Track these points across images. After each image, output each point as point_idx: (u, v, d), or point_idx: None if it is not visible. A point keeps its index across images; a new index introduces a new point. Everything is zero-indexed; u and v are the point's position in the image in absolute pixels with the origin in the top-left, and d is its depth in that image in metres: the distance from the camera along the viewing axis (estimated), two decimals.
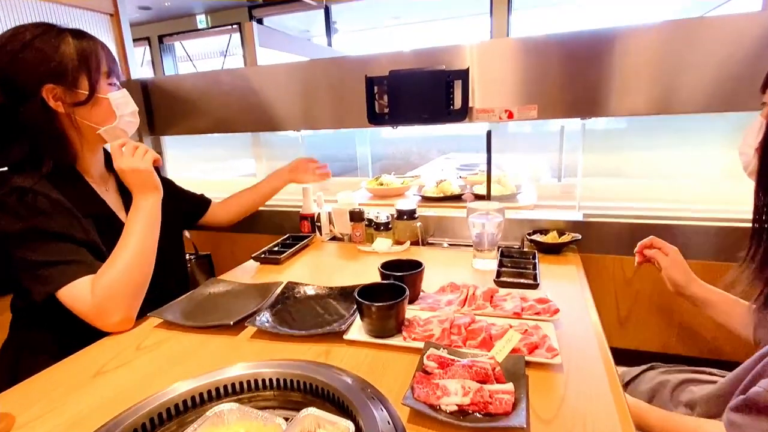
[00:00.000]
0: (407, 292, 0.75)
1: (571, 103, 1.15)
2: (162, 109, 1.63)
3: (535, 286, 0.91)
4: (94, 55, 0.89)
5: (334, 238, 1.37)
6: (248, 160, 1.93)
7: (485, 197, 1.32)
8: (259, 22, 5.17)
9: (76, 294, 0.80)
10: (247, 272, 1.13)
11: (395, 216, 1.25)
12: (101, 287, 0.81)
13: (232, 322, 0.79)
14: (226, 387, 0.62)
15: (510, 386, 0.57)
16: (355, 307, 0.81)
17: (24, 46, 0.84)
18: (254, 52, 2.73)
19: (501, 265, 1.03)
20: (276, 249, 1.24)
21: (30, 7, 1.37)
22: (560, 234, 1.16)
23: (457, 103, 1.21)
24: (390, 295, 0.75)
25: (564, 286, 0.94)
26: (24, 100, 0.85)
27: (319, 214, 1.37)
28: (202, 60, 6.48)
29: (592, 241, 1.18)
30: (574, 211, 1.27)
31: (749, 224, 0.68)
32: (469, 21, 5.86)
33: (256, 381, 0.63)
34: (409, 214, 1.24)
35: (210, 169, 2.24)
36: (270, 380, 0.63)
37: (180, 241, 1.20)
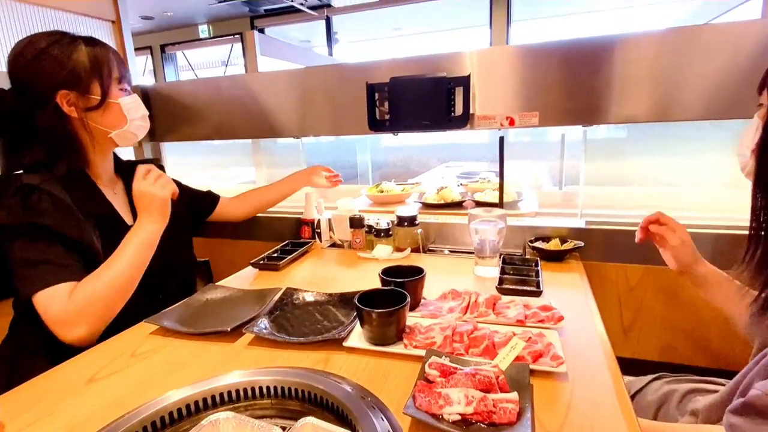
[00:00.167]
0: (408, 299, 0.74)
1: (572, 110, 1.14)
2: (162, 116, 1.62)
3: (538, 294, 0.90)
4: (106, 61, 0.91)
5: (333, 245, 1.36)
6: (248, 167, 1.92)
7: (487, 204, 1.32)
8: (261, 32, 5.22)
9: (53, 297, 0.80)
10: (246, 279, 1.11)
11: (396, 222, 1.24)
12: (82, 295, 0.80)
13: (229, 329, 0.78)
14: (222, 395, 0.61)
15: (514, 395, 0.56)
16: (354, 313, 0.80)
17: (39, 54, 0.86)
18: (255, 61, 2.75)
19: (503, 272, 1.02)
20: (275, 255, 1.23)
21: (33, 14, 1.38)
22: (562, 241, 1.15)
23: (458, 109, 1.21)
24: (390, 301, 0.73)
25: (567, 294, 0.93)
26: (39, 106, 0.88)
27: (318, 220, 1.36)
28: (203, 69, 6.54)
29: (595, 248, 1.17)
30: (576, 219, 1.26)
31: None
32: (469, 32, 5.92)
33: (253, 389, 0.62)
34: (409, 221, 1.23)
35: (210, 177, 2.24)
36: (267, 388, 0.62)
37: (189, 244, 1.20)
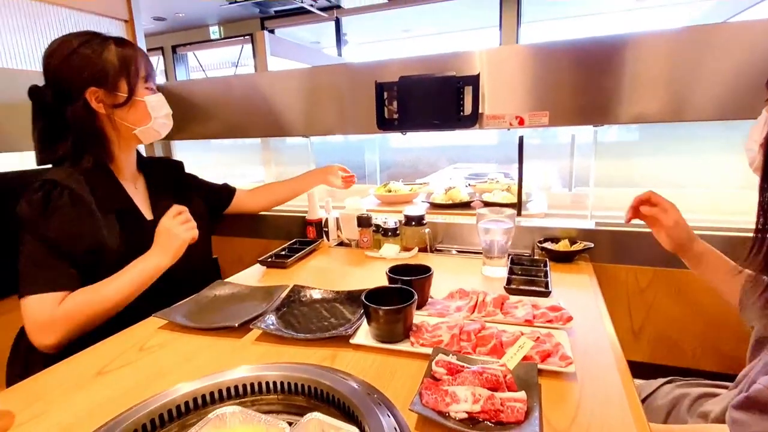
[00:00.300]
0: (416, 297, 0.73)
1: (583, 109, 1.13)
2: (173, 114, 1.64)
3: (546, 294, 0.89)
4: (134, 61, 0.95)
5: (341, 244, 1.36)
6: (257, 167, 1.93)
7: (495, 205, 1.31)
8: (271, 32, 5.25)
9: (37, 304, 0.83)
10: (254, 276, 1.12)
11: (403, 222, 1.24)
12: (63, 310, 0.83)
13: (237, 324, 0.78)
14: (229, 389, 0.61)
15: (522, 394, 0.55)
16: (361, 311, 0.79)
17: (71, 53, 0.91)
18: (265, 61, 2.77)
19: (511, 272, 1.01)
20: (283, 253, 1.23)
21: (47, 13, 1.40)
22: (572, 242, 1.14)
23: (468, 109, 1.20)
24: (398, 299, 0.73)
25: (576, 295, 0.92)
26: (70, 101, 0.92)
27: (326, 219, 1.36)
28: (214, 70, 6.59)
29: (605, 250, 1.16)
30: (586, 220, 1.24)
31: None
32: (478, 34, 5.90)
33: (260, 384, 0.62)
34: (417, 220, 1.22)
35: (220, 176, 2.24)
36: (274, 383, 0.62)
37: (208, 238, 1.22)
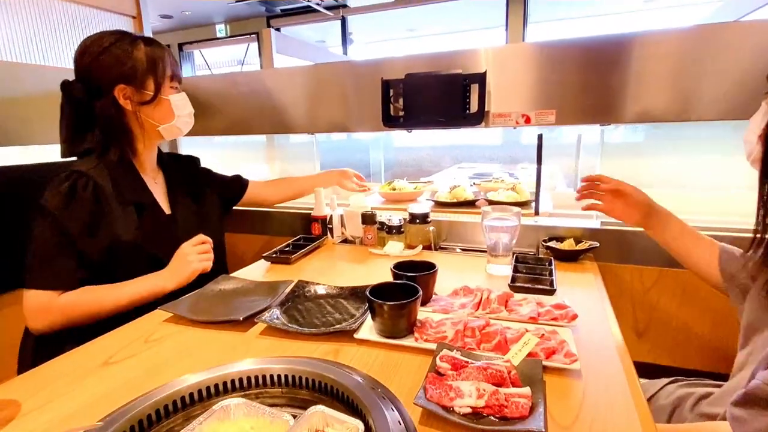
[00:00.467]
0: (420, 292, 0.73)
1: (590, 108, 1.13)
2: None
3: (551, 292, 0.89)
4: (161, 60, 0.99)
5: (345, 241, 1.36)
6: (262, 164, 1.93)
7: (500, 203, 1.30)
8: (277, 31, 5.26)
9: (37, 298, 0.87)
10: (258, 271, 1.12)
11: (408, 220, 1.24)
12: (58, 306, 0.87)
13: (241, 318, 0.78)
14: (233, 381, 0.61)
15: (527, 390, 0.55)
16: (366, 306, 0.79)
17: (103, 51, 0.94)
18: (271, 59, 2.77)
19: (516, 270, 1.01)
20: (287, 249, 1.24)
21: (55, 8, 1.40)
22: (577, 242, 1.14)
23: (474, 106, 1.20)
24: (402, 295, 0.73)
25: (581, 293, 0.92)
26: (99, 97, 0.95)
27: (331, 216, 1.36)
28: (219, 68, 6.62)
29: (610, 249, 1.15)
30: (591, 219, 1.24)
31: None
32: (484, 34, 5.89)
33: (264, 377, 0.62)
34: (421, 218, 1.22)
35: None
36: (279, 376, 0.62)
37: (221, 231, 1.23)
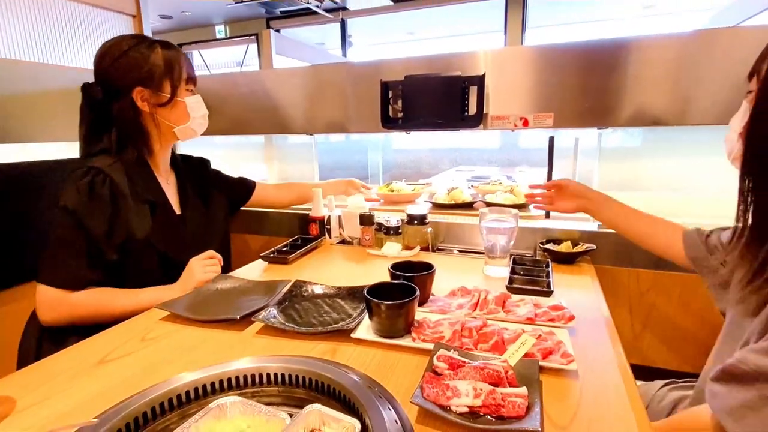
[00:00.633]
0: (417, 292, 0.73)
1: (588, 111, 1.13)
2: None
3: (548, 294, 0.89)
4: (178, 64, 1.01)
5: (343, 242, 1.36)
6: (260, 164, 1.93)
7: (498, 206, 1.31)
8: (277, 32, 5.28)
9: (50, 294, 0.88)
10: (255, 271, 1.12)
11: (406, 221, 1.24)
12: (69, 303, 0.89)
13: (238, 317, 0.78)
14: (230, 380, 0.61)
15: (523, 390, 0.55)
16: (363, 306, 0.80)
17: (122, 55, 0.97)
18: (271, 60, 2.77)
19: (513, 272, 1.01)
20: (285, 249, 1.23)
21: (55, 6, 1.40)
22: (574, 244, 1.14)
23: (472, 109, 1.21)
24: (400, 295, 0.73)
25: (578, 295, 0.92)
26: (117, 98, 0.98)
27: (329, 216, 1.36)
28: (218, 69, 6.63)
29: (607, 252, 1.15)
30: (588, 222, 1.24)
31: None
32: (483, 38, 5.92)
33: (260, 375, 0.62)
34: (419, 219, 1.22)
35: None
36: (275, 375, 0.62)
37: (227, 232, 1.25)
